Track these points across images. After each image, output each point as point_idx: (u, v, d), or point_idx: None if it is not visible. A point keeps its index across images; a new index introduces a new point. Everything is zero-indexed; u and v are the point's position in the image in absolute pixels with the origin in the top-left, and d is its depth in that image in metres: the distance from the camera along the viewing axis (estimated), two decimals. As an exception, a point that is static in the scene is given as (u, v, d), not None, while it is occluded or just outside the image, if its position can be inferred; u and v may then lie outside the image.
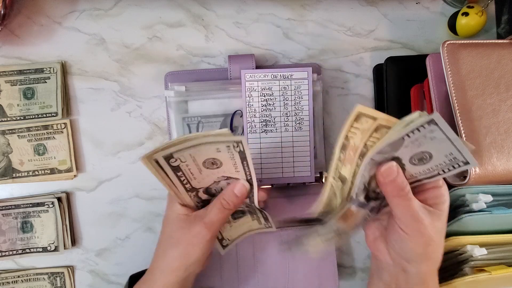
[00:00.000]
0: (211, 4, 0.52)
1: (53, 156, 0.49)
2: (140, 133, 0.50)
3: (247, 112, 0.47)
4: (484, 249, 0.39)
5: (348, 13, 0.53)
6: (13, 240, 0.48)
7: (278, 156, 0.48)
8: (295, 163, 0.48)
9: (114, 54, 0.50)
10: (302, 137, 0.48)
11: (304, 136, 0.48)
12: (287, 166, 0.48)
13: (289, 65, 0.51)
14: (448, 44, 0.43)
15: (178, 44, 0.51)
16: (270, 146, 0.48)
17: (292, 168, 0.48)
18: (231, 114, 0.48)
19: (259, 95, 0.48)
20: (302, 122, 0.48)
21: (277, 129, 0.48)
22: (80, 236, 0.49)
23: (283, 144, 0.48)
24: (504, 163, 0.41)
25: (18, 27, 0.50)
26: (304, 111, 0.48)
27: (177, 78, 0.49)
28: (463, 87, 0.43)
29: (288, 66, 0.51)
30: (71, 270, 0.49)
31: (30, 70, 0.49)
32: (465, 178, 0.41)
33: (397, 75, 0.49)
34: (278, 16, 0.52)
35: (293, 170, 0.48)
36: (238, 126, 0.48)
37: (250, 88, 0.47)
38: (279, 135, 0.48)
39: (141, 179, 0.50)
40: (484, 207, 0.41)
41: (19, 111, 0.48)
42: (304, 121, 0.48)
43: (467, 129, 0.41)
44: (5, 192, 0.49)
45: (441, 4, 0.54)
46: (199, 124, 0.48)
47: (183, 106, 0.48)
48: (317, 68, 0.51)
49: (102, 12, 0.51)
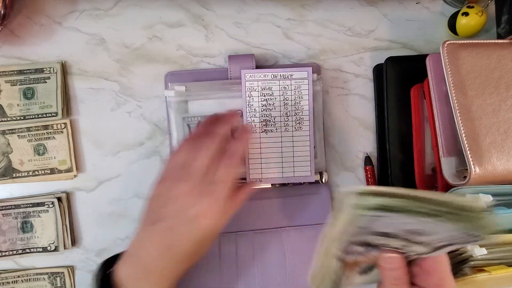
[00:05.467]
0: (211, 4, 0.52)
1: (53, 156, 0.49)
2: (140, 133, 0.50)
3: (247, 112, 0.47)
4: (484, 249, 0.39)
5: (348, 13, 0.53)
6: (13, 240, 0.48)
7: (278, 156, 0.48)
8: (295, 163, 0.48)
9: (114, 54, 0.50)
10: (302, 137, 0.48)
11: (304, 136, 0.48)
12: (287, 166, 0.48)
13: (289, 65, 0.51)
14: (448, 44, 0.43)
15: (178, 44, 0.51)
16: (270, 146, 0.48)
17: (292, 168, 0.48)
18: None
19: (259, 95, 0.48)
20: (302, 122, 0.48)
21: (277, 129, 0.48)
22: (80, 236, 0.49)
23: (283, 144, 0.48)
24: (504, 163, 0.41)
25: (18, 27, 0.50)
26: (304, 111, 0.48)
27: (177, 78, 0.49)
28: (463, 87, 0.42)
29: (288, 66, 0.51)
30: (71, 270, 0.49)
31: (30, 70, 0.49)
32: (465, 178, 0.41)
33: (397, 75, 0.49)
34: (278, 16, 0.52)
35: (293, 170, 0.48)
36: (238, 126, 0.48)
37: (250, 88, 0.47)
38: (279, 135, 0.48)
39: (141, 179, 0.50)
40: (484, 207, 0.41)
41: (19, 111, 0.48)
42: (304, 121, 0.48)
43: (467, 129, 0.41)
44: (5, 192, 0.49)
45: (441, 4, 0.54)
46: (199, 124, 0.48)
47: (183, 106, 0.48)
48: (317, 68, 0.51)
49: (102, 12, 0.51)
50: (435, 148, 0.45)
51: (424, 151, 0.47)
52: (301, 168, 0.48)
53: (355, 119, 0.52)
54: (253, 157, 0.48)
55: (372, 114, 0.52)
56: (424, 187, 0.47)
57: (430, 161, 0.47)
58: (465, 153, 0.41)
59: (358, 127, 0.52)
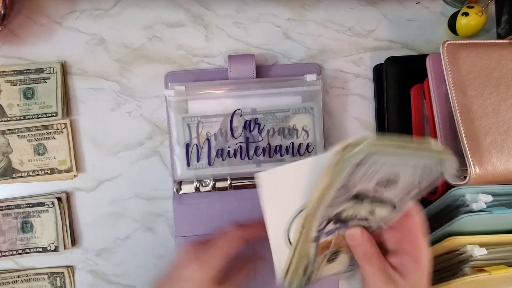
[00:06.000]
0: (211, 4, 0.52)
1: (53, 156, 0.49)
2: (140, 133, 0.50)
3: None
4: (484, 249, 0.39)
5: (348, 13, 0.53)
6: (13, 240, 0.48)
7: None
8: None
9: (114, 54, 0.50)
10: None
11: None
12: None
13: (289, 65, 0.51)
14: (448, 44, 0.43)
15: (178, 44, 0.51)
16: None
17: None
18: (231, 114, 0.48)
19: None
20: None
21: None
22: (80, 236, 0.49)
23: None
24: (504, 163, 0.41)
25: (18, 27, 0.50)
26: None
27: (177, 78, 0.49)
28: (463, 87, 0.42)
29: (288, 66, 0.51)
30: (71, 270, 0.49)
31: (30, 70, 0.49)
32: (465, 178, 0.41)
33: (397, 75, 0.49)
34: (278, 16, 0.52)
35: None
36: (238, 126, 0.48)
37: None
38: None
39: (141, 179, 0.50)
40: (484, 207, 0.41)
41: (19, 111, 0.48)
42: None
43: (467, 129, 0.41)
44: (5, 192, 0.49)
45: (441, 4, 0.54)
46: (199, 124, 0.48)
47: (183, 106, 0.48)
48: (317, 68, 0.51)
49: (102, 12, 0.51)
50: (435, 148, 0.45)
51: (424, 151, 0.47)
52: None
53: (355, 119, 0.52)
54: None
55: (372, 114, 0.52)
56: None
57: (430, 161, 0.47)
58: (465, 153, 0.41)
59: (358, 127, 0.52)
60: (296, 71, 0.50)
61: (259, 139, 0.48)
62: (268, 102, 0.48)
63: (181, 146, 0.48)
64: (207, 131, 0.48)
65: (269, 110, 0.48)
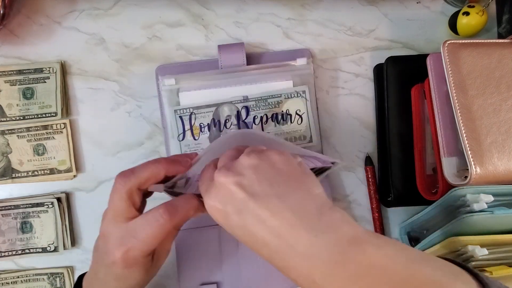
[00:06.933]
0: (211, 3, 0.51)
1: (52, 156, 0.48)
2: (140, 133, 0.50)
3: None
4: (485, 250, 0.39)
5: (348, 13, 0.53)
6: (12, 241, 0.48)
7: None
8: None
9: (113, 54, 0.50)
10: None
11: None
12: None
13: (280, 52, 0.51)
14: (449, 44, 0.43)
15: (178, 43, 0.51)
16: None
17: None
18: (223, 104, 0.48)
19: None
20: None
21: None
22: (79, 237, 0.49)
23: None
24: (505, 163, 0.41)
25: (17, 26, 0.50)
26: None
27: (167, 70, 0.49)
28: (463, 86, 0.42)
29: (279, 52, 0.51)
30: (71, 271, 0.49)
31: (30, 70, 0.49)
32: (466, 178, 0.41)
33: (397, 75, 0.49)
34: (278, 16, 0.52)
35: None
36: (230, 115, 0.48)
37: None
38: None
39: (141, 179, 0.50)
40: (485, 207, 0.41)
41: (19, 111, 0.48)
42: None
43: (468, 129, 0.41)
44: (4, 193, 0.49)
45: (442, 4, 0.54)
46: (191, 115, 0.48)
47: (174, 99, 0.48)
48: (308, 53, 0.51)
49: (101, 11, 0.51)
50: (435, 148, 0.45)
51: (425, 151, 0.47)
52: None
53: (355, 119, 0.52)
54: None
55: (372, 114, 0.52)
56: (425, 187, 0.47)
57: (431, 161, 0.47)
58: (466, 153, 0.41)
59: (359, 127, 0.52)
60: (286, 57, 0.50)
61: (253, 126, 0.48)
62: (259, 89, 0.48)
63: (175, 139, 0.48)
64: (200, 122, 0.48)
65: (260, 96, 0.48)
